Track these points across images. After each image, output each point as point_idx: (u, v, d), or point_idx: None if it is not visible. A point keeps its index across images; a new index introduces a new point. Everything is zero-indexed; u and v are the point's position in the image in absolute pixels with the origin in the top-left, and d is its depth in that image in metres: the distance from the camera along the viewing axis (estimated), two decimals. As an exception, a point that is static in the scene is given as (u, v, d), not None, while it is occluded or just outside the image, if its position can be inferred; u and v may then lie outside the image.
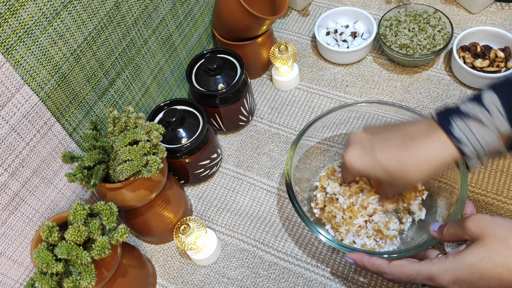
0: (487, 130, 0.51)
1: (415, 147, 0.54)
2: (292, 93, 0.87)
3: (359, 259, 0.58)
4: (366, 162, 0.57)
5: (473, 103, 0.52)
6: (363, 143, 0.58)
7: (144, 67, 0.73)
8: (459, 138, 0.52)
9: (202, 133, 0.69)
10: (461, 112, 0.52)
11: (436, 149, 0.53)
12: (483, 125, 0.51)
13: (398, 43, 0.83)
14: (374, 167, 0.57)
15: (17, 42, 0.49)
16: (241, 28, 0.78)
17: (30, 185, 0.57)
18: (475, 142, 0.51)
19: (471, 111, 0.52)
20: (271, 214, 0.73)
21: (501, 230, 0.47)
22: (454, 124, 0.52)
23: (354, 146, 0.59)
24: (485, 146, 0.51)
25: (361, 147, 0.58)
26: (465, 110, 0.52)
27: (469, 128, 0.51)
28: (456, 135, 0.52)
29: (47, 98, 0.56)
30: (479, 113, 0.51)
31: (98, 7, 0.59)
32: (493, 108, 0.51)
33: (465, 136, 0.51)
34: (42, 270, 0.49)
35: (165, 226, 0.69)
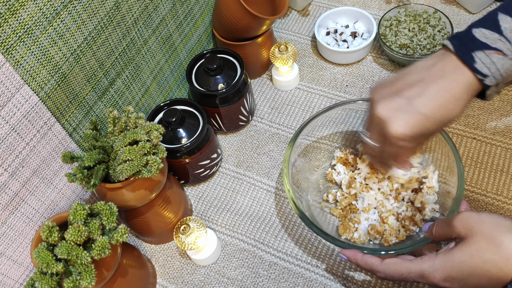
0: (507, 60, 0.50)
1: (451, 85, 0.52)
2: (292, 93, 0.87)
3: (352, 256, 0.58)
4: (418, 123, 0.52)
5: (491, 32, 0.51)
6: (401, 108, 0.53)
7: (144, 67, 0.73)
8: (484, 73, 0.51)
9: (202, 133, 0.70)
10: (480, 44, 0.51)
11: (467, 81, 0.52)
12: (504, 56, 0.50)
13: (398, 43, 0.83)
14: (425, 124, 0.52)
15: (17, 42, 0.49)
16: (241, 28, 0.78)
17: (30, 185, 0.57)
18: (497, 73, 0.51)
19: (490, 41, 0.51)
20: (271, 214, 0.73)
21: (488, 228, 0.47)
22: (477, 59, 0.51)
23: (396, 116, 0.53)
24: (505, 75, 0.51)
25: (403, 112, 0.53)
26: (484, 40, 0.51)
27: (492, 61, 0.50)
28: (481, 70, 0.51)
29: (47, 98, 0.56)
30: (500, 44, 0.50)
31: (98, 7, 0.59)
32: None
33: (489, 70, 0.50)
34: (42, 270, 0.49)
35: (165, 226, 0.69)
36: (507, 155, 0.73)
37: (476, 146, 0.75)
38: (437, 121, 0.53)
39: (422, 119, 0.52)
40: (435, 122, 0.53)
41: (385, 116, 0.53)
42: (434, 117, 0.52)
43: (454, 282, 0.48)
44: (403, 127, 0.52)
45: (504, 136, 0.75)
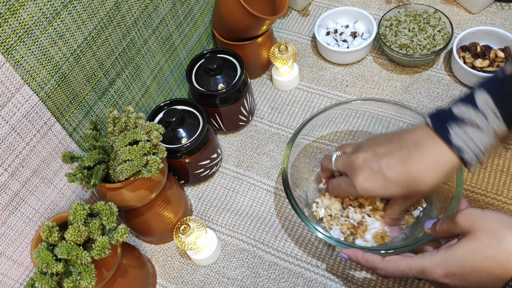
0: (484, 135, 0.51)
1: (422, 154, 0.53)
2: (292, 93, 0.87)
3: (353, 255, 0.58)
4: (379, 184, 0.56)
5: (467, 106, 0.52)
6: (369, 164, 0.57)
7: (144, 67, 0.73)
8: (459, 146, 0.51)
9: (202, 133, 0.70)
10: (456, 118, 0.52)
11: (441, 153, 0.53)
12: (480, 130, 0.51)
13: (398, 43, 0.83)
14: (387, 186, 0.55)
15: (17, 42, 0.49)
16: (241, 28, 0.78)
17: (30, 185, 0.57)
18: (475, 148, 0.51)
19: (466, 116, 0.51)
20: (271, 214, 0.73)
21: (491, 223, 0.47)
22: (453, 133, 0.52)
23: (362, 170, 0.57)
24: (484, 150, 0.51)
25: (369, 169, 0.56)
26: (460, 115, 0.52)
27: (468, 135, 0.51)
28: (456, 143, 0.51)
29: (47, 98, 0.56)
30: (475, 118, 0.51)
31: (98, 7, 0.59)
32: (488, 111, 0.50)
33: (465, 144, 0.51)
34: (42, 270, 0.49)
35: (165, 226, 0.69)
36: (507, 155, 0.73)
37: (476, 146, 0.75)
38: (400, 187, 0.55)
39: (383, 181, 0.55)
40: (398, 187, 0.55)
41: (357, 165, 0.58)
42: (396, 181, 0.55)
43: (455, 278, 0.48)
44: (365, 184, 0.57)
45: (504, 136, 0.75)
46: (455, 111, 0.53)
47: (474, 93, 0.53)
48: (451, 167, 0.53)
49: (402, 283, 0.64)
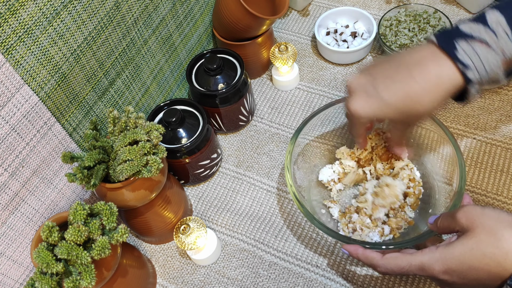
0: (492, 53, 0.48)
1: (422, 74, 0.51)
2: (292, 93, 0.87)
3: (354, 251, 0.58)
4: (374, 106, 0.53)
5: (477, 24, 0.49)
6: (365, 87, 0.54)
7: (144, 67, 0.73)
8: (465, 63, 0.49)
9: (202, 133, 0.70)
10: (464, 34, 0.49)
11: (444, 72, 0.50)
12: (488, 47, 0.48)
13: (398, 43, 0.83)
14: (383, 109, 0.53)
15: (17, 42, 0.49)
16: (241, 28, 0.78)
17: (30, 185, 0.57)
18: (480, 66, 0.48)
19: (475, 32, 0.49)
20: (271, 214, 0.73)
21: (491, 221, 0.47)
22: (459, 48, 0.49)
23: (357, 93, 0.54)
24: (489, 70, 0.49)
25: (364, 92, 0.54)
26: (469, 31, 0.49)
27: (475, 51, 0.48)
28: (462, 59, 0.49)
29: (47, 98, 0.56)
30: (484, 34, 0.48)
31: (98, 7, 0.59)
32: (499, 29, 0.48)
33: (471, 60, 0.48)
34: (42, 270, 0.49)
35: (165, 226, 0.69)
36: (507, 155, 0.73)
37: (476, 146, 0.75)
38: (398, 109, 0.52)
39: (379, 103, 0.53)
40: (395, 109, 0.53)
41: (350, 89, 0.56)
42: (393, 103, 0.52)
43: (454, 275, 0.48)
44: (358, 105, 0.54)
45: (504, 136, 0.75)
46: (463, 28, 0.50)
47: (486, 12, 0.50)
48: (453, 87, 0.51)
49: (403, 284, 0.64)
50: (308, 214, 0.61)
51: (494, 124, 0.76)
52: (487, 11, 0.50)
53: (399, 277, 0.65)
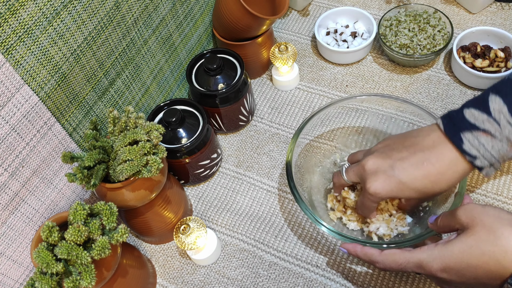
0: (498, 142, 0.50)
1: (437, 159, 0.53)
2: (292, 93, 0.87)
3: (352, 249, 0.58)
4: (393, 187, 0.55)
5: (480, 112, 0.51)
6: (383, 169, 0.56)
7: (144, 67, 0.73)
8: (472, 154, 0.51)
9: (202, 133, 0.70)
10: (469, 124, 0.51)
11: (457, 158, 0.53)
12: (493, 138, 0.50)
13: (398, 43, 0.83)
14: (402, 189, 0.55)
15: (17, 42, 0.49)
16: (241, 28, 0.78)
17: (30, 185, 0.57)
18: (488, 155, 0.51)
19: (479, 122, 0.51)
20: (271, 214, 0.73)
21: (490, 219, 0.47)
22: (465, 140, 0.51)
23: (375, 174, 0.56)
24: (498, 157, 0.51)
25: (383, 174, 0.56)
26: (473, 121, 0.51)
27: (480, 142, 0.51)
28: (469, 151, 0.51)
29: (47, 98, 0.56)
30: (488, 125, 0.50)
31: (98, 7, 0.59)
32: (501, 118, 0.50)
33: (478, 151, 0.51)
34: (42, 270, 0.49)
35: (165, 226, 0.69)
36: (507, 155, 0.73)
37: (476, 146, 0.75)
38: (416, 189, 0.55)
39: (398, 184, 0.55)
40: (413, 190, 0.55)
41: (369, 170, 0.57)
42: (411, 185, 0.55)
43: (452, 273, 0.48)
44: (378, 188, 0.56)
45: (504, 136, 0.75)
46: (467, 116, 0.52)
47: (488, 98, 0.51)
48: (466, 171, 0.53)
49: (403, 283, 0.64)
50: (309, 213, 0.61)
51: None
52: (490, 97, 0.51)
53: (399, 277, 0.65)
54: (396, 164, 0.55)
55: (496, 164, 0.52)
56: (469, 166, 0.53)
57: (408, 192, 0.55)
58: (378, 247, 0.57)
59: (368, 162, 0.58)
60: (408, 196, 0.56)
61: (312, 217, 0.61)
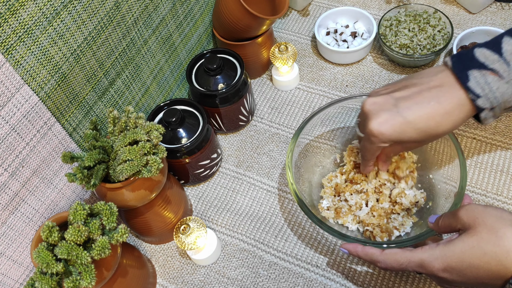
0: (503, 83, 0.49)
1: (445, 97, 0.52)
2: (292, 93, 0.87)
3: (353, 249, 0.58)
4: (397, 126, 0.53)
5: (492, 52, 0.50)
6: (385, 107, 0.54)
7: (144, 67, 0.73)
8: (476, 92, 0.50)
9: (202, 133, 0.70)
10: (478, 63, 0.50)
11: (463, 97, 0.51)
12: (500, 78, 0.49)
13: (398, 43, 0.83)
14: (405, 129, 0.53)
15: (17, 42, 0.49)
16: (241, 28, 0.78)
17: (30, 185, 0.57)
18: (491, 95, 0.50)
19: (488, 61, 0.50)
20: (271, 214, 0.73)
21: (492, 219, 0.47)
22: (472, 77, 0.50)
23: (377, 113, 0.53)
24: (500, 99, 0.50)
25: (386, 112, 0.53)
26: (483, 60, 0.50)
27: (487, 81, 0.49)
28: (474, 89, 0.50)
29: (47, 98, 0.56)
30: (497, 65, 0.49)
31: (98, 7, 0.59)
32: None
33: (482, 90, 0.50)
34: (42, 270, 0.49)
35: (165, 226, 0.69)
36: (507, 155, 0.73)
37: (476, 146, 0.75)
38: (420, 130, 0.53)
39: (402, 123, 0.53)
40: (417, 130, 0.53)
41: (370, 110, 0.54)
42: (416, 124, 0.53)
43: (453, 273, 0.48)
44: (381, 126, 0.53)
45: (504, 136, 0.75)
46: (477, 54, 0.51)
47: (502, 40, 0.51)
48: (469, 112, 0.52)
49: (403, 284, 0.64)
50: (309, 212, 0.61)
51: (494, 124, 0.76)
52: (504, 38, 0.51)
53: (399, 277, 0.65)
54: (400, 102, 0.53)
55: (497, 110, 0.51)
56: (473, 107, 0.51)
57: (411, 132, 0.53)
58: (378, 247, 0.57)
59: (368, 101, 0.55)
60: (409, 138, 0.54)
61: (312, 217, 0.61)
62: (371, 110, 0.54)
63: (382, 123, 0.53)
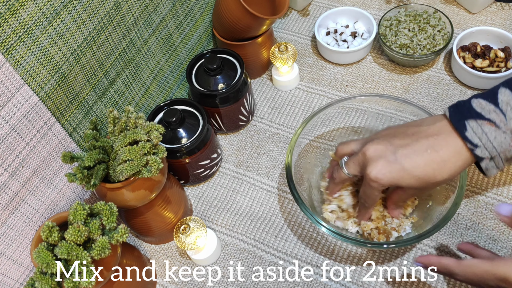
0: (501, 133, 0.50)
1: (442, 146, 0.53)
2: (292, 93, 0.87)
3: (426, 260, 0.55)
4: (395, 173, 0.54)
5: (488, 102, 0.51)
6: (385, 154, 0.55)
7: (144, 67, 0.73)
8: (474, 142, 0.51)
9: (202, 133, 0.70)
10: (475, 113, 0.51)
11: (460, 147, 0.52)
12: (497, 128, 0.50)
13: (398, 43, 0.83)
14: (403, 176, 0.54)
15: (17, 42, 0.49)
16: (241, 28, 0.78)
17: (30, 185, 0.57)
18: (489, 145, 0.50)
19: (485, 111, 0.51)
20: (271, 214, 0.73)
21: None
22: (469, 127, 0.51)
23: (377, 160, 0.55)
24: (498, 149, 0.50)
25: (385, 159, 0.55)
26: (479, 110, 0.51)
27: (483, 131, 0.50)
28: (471, 139, 0.51)
29: (47, 98, 0.56)
30: (493, 115, 0.50)
31: (98, 7, 0.59)
32: (508, 110, 0.50)
33: (479, 139, 0.50)
34: (42, 270, 0.49)
35: (165, 226, 0.69)
36: (507, 155, 0.73)
37: (476, 146, 0.75)
38: (418, 177, 0.54)
39: (400, 170, 0.54)
40: (415, 177, 0.54)
41: (370, 156, 0.56)
42: (413, 171, 0.54)
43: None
44: (379, 172, 0.55)
45: (504, 136, 0.75)
46: (474, 105, 0.52)
47: (498, 90, 0.52)
48: (467, 162, 0.53)
49: (408, 285, 0.64)
50: (309, 213, 0.61)
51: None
52: (500, 89, 0.51)
53: (399, 277, 0.65)
54: (398, 150, 0.54)
55: (497, 159, 0.51)
56: (471, 156, 0.52)
57: (409, 179, 0.54)
58: (379, 247, 0.57)
59: (370, 149, 0.56)
60: (408, 184, 0.55)
61: (312, 217, 0.61)
62: (372, 157, 0.56)
63: (381, 170, 0.55)
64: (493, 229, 0.67)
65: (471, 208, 0.69)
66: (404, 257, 0.66)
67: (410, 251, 0.67)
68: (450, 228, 0.68)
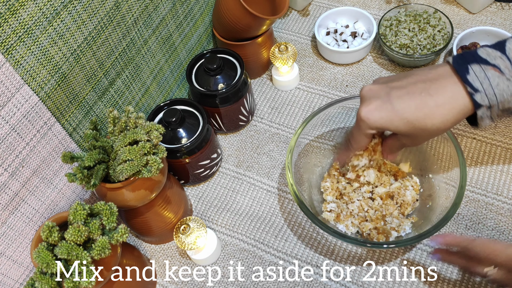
0: (504, 79, 0.48)
1: (438, 90, 0.51)
2: (292, 93, 0.87)
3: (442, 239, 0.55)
4: (384, 115, 0.52)
5: (494, 50, 0.50)
6: (378, 95, 0.53)
7: (144, 67, 0.73)
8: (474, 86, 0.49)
9: (202, 133, 0.70)
10: (479, 58, 0.50)
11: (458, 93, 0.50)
12: (501, 74, 0.48)
13: (398, 43, 0.83)
14: (393, 119, 0.52)
15: (17, 42, 0.49)
16: (241, 28, 0.78)
17: (30, 185, 0.57)
18: (490, 91, 0.48)
19: (490, 58, 0.49)
20: (271, 214, 0.73)
21: None
22: (471, 71, 0.49)
23: (369, 100, 0.54)
24: (499, 97, 0.49)
25: (377, 99, 0.53)
26: (485, 56, 0.50)
27: (487, 76, 0.48)
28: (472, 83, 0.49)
29: (47, 98, 0.56)
30: (499, 61, 0.49)
31: (98, 7, 0.59)
32: None
33: (480, 84, 0.49)
34: (42, 270, 0.49)
35: (165, 226, 0.69)
36: (507, 155, 0.73)
37: (476, 146, 0.75)
38: (407, 120, 0.52)
39: (390, 112, 0.52)
40: (403, 120, 0.52)
41: (364, 96, 0.55)
42: (403, 114, 0.52)
43: None
44: (369, 112, 0.53)
45: (504, 136, 0.75)
46: (480, 52, 0.50)
47: (507, 40, 0.50)
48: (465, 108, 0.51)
49: (403, 283, 0.64)
50: (309, 213, 0.61)
51: (494, 124, 0.76)
52: (509, 40, 0.50)
53: (399, 277, 0.65)
54: (392, 91, 0.53)
55: (494, 110, 0.50)
56: (469, 103, 0.50)
57: (397, 122, 0.52)
58: (379, 247, 0.57)
59: (365, 88, 0.56)
60: (396, 128, 0.53)
61: (312, 217, 0.61)
62: (365, 96, 0.55)
63: (371, 109, 0.53)
64: (493, 229, 0.67)
65: (471, 208, 0.69)
66: (404, 257, 0.66)
67: (410, 251, 0.67)
68: (450, 228, 0.68)
